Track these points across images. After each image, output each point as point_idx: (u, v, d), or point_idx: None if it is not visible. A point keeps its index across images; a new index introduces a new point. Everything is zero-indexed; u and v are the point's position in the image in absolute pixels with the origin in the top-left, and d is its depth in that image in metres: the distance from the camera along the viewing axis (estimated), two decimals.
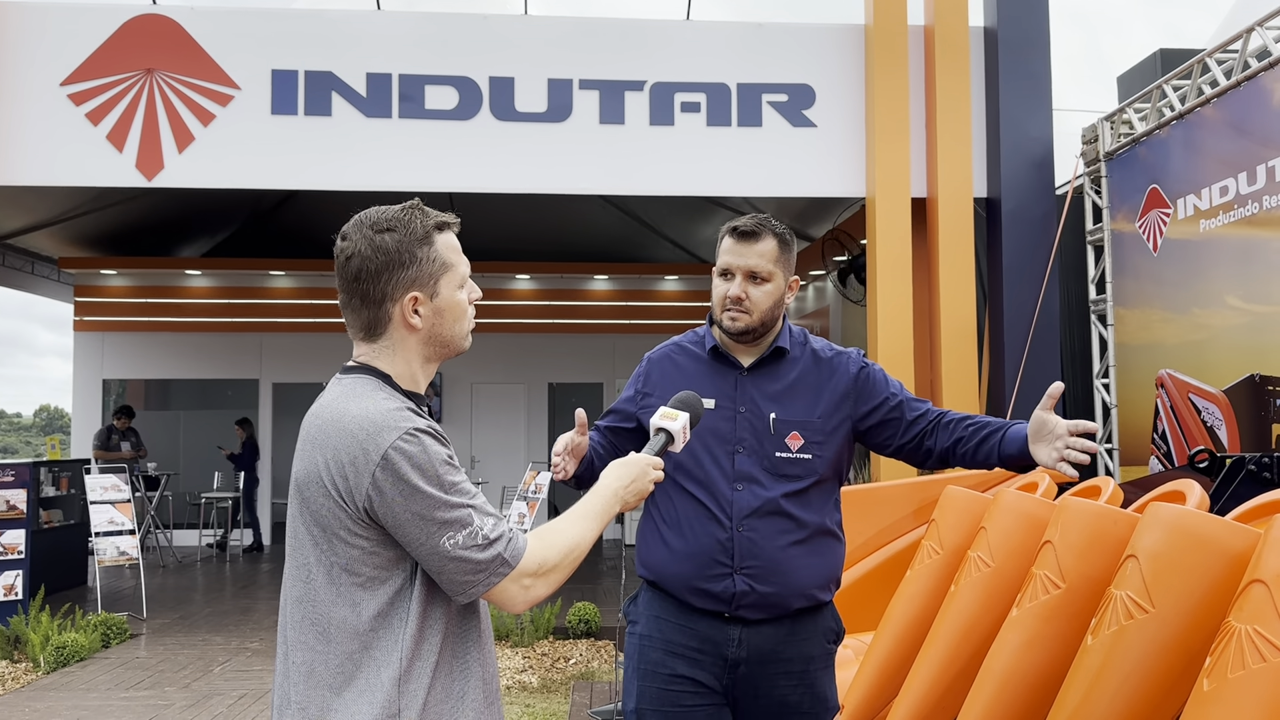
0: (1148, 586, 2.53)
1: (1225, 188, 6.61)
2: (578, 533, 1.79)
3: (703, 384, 2.55)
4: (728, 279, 2.57)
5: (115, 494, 8.83)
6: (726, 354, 2.61)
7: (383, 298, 1.74)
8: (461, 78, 8.00)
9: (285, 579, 1.75)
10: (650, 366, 2.70)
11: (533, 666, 6.91)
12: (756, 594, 2.47)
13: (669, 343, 2.75)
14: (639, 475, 1.94)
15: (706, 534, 2.49)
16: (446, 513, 1.63)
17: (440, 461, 1.65)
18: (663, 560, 2.54)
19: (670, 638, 2.52)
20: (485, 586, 1.66)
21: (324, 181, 7.97)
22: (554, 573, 1.73)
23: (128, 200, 11.34)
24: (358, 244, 1.73)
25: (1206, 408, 6.82)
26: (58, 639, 7.05)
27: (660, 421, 2.11)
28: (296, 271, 14.27)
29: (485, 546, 1.64)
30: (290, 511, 1.75)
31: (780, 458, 2.54)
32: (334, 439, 1.66)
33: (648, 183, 8.27)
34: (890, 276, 8.02)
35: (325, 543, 1.67)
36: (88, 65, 7.72)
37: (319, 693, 1.66)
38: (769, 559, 2.48)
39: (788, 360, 2.63)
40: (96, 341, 14.23)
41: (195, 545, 13.44)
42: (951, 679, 3.30)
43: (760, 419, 2.55)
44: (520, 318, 14.47)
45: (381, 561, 1.66)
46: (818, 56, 8.30)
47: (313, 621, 1.68)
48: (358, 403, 1.68)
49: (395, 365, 1.78)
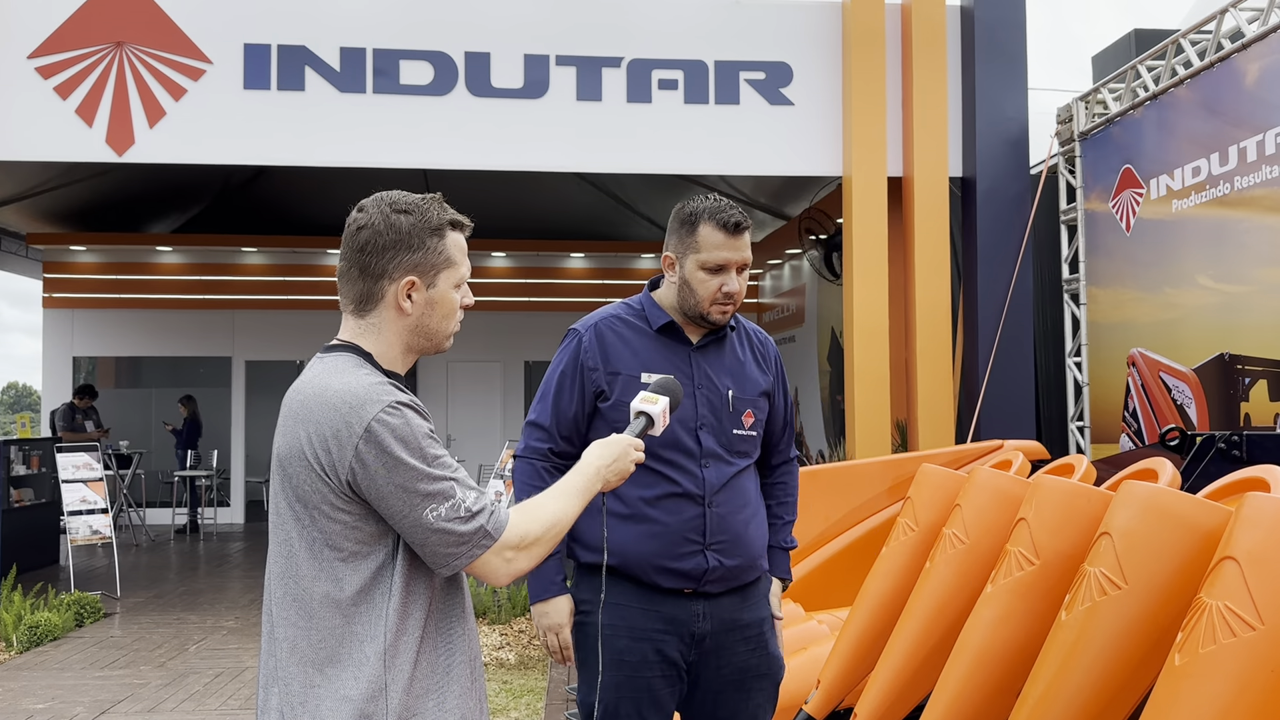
0: (1121, 563, 2.57)
1: (1198, 168, 6.67)
2: (559, 508, 1.81)
3: (655, 359, 2.53)
4: (721, 274, 2.50)
5: (87, 472, 8.75)
6: (676, 329, 2.58)
7: (381, 274, 1.76)
8: (437, 53, 7.93)
9: (269, 555, 1.76)
10: (595, 341, 2.56)
11: (510, 643, 6.93)
12: (724, 568, 2.50)
13: (600, 314, 2.62)
14: (620, 455, 1.95)
15: (678, 512, 2.48)
16: (429, 485, 1.64)
17: (423, 435, 1.67)
18: (624, 541, 2.47)
19: (634, 623, 2.48)
20: (468, 559, 1.68)
21: (297, 157, 7.89)
22: (536, 546, 1.75)
23: (97, 175, 11.17)
24: (373, 217, 1.77)
25: (1177, 386, 6.91)
26: (31, 618, 7.00)
27: (641, 405, 2.11)
28: (269, 248, 14.16)
29: (468, 519, 1.66)
30: (272, 488, 1.76)
31: (736, 434, 2.56)
32: (316, 413, 1.67)
33: (625, 160, 8.24)
34: (866, 255, 8.04)
35: (307, 518, 1.68)
36: (56, 37, 7.59)
37: (304, 668, 1.67)
38: (734, 534, 2.52)
39: (730, 337, 2.64)
40: (66, 319, 14.06)
41: (168, 524, 13.36)
42: (926, 654, 3.34)
43: (718, 396, 2.55)
44: (496, 295, 14.42)
45: (364, 536, 1.67)
46: (795, 35, 8.28)
47: (295, 597, 1.69)
48: (340, 378, 1.69)
49: (378, 345, 1.79)
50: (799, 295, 12.38)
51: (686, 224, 2.54)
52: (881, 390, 7.91)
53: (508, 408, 14.88)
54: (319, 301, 14.06)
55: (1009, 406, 7.94)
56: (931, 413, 7.94)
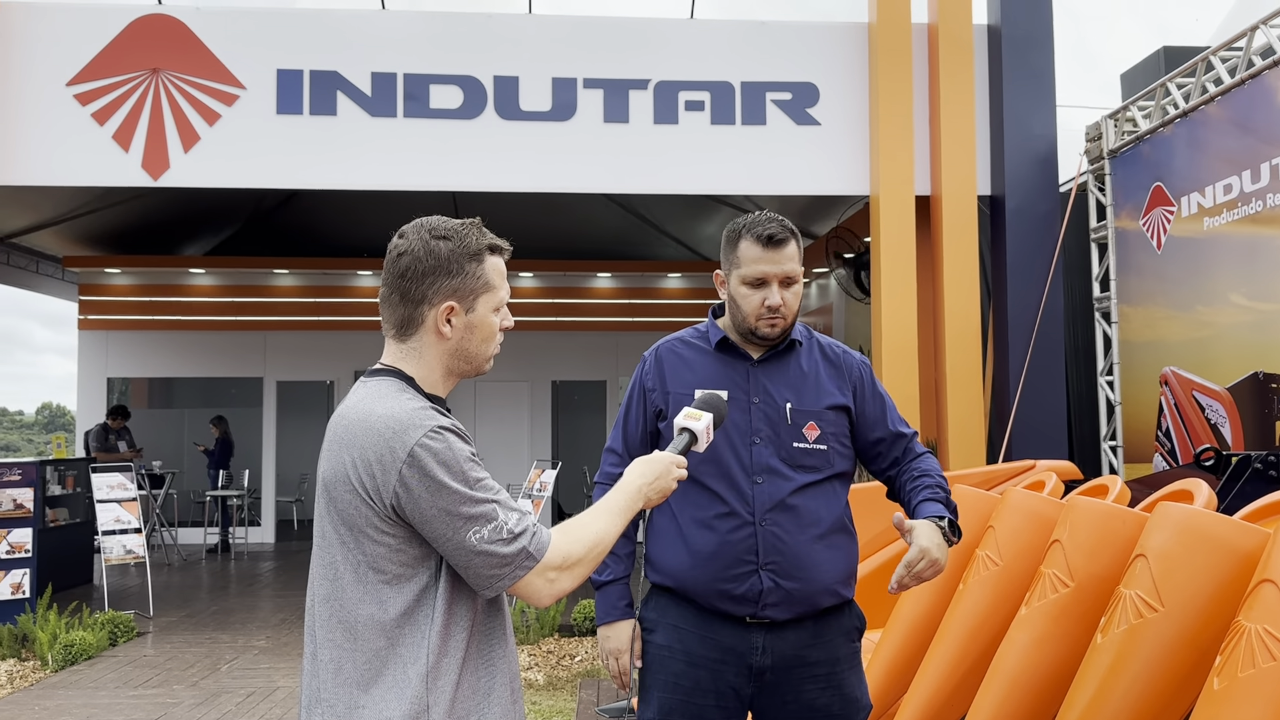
0: (1157, 585, 2.55)
1: (1229, 185, 6.62)
2: (601, 527, 1.82)
3: (712, 375, 2.52)
4: (763, 288, 2.50)
5: (121, 492, 8.85)
6: (735, 346, 2.57)
7: (421, 299, 1.78)
8: (466, 77, 8.02)
9: (312, 578, 1.78)
10: (655, 363, 2.62)
11: (539, 664, 6.93)
12: (781, 590, 2.41)
13: (667, 339, 2.68)
14: (663, 473, 1.95)
15: (729, 530, 2.43)
16: (471, 508, 1.66)
17: (464, 458, 1.69)
18: (683, 563, 2.46)
19: (691, 648, 2.45)
20: (511, 580, 1.69)
21: (329, 180, 7.99)
22: (578, 566, 1.76)
23: (131, 199, 11.35)
24: (413, 243, 1.79)
25: (1210, 405, 6.84)
26: (65, 637, 7.08)
27: (684, 421, 2.10)
28: (300, 270, 14.29)
29: (510, 540, 1.68)
30: (317, 511, 1.79)
31: (798, 448, 2.49)
32: (361, 438, 1.69)
33: (652, 181, 8.28)
34: (894, 274, 8.03)
35: (353, 541, 1.70)
36: (94, 65, 7.74)
37: (347, 690, 1.69)
38: (792, 554, 2.44)
39: (797, 352, 2.60)
40: (101, 340, 14.25)
41: (199, 543, 13.47)
42: (961, 677, 3.32)
43: (775, 409, 2.51)
44: (524, 315, 14.48)
45: (407, 559, 1.70)
46: (821, 55, 8.31)
47: (340, 619, 1.71)
48: (383, 403, 1.72)
49: (419, 369, 1.81)
50: (826, 314, 12.36)
51: (730, 240, 2.56)
52: (911, 410, 7.88)
53: (535, 427, 14.91)
54: (349, 322, 14.16)
55: (1041, 426, 7.89)
56: (962, 433, 7.89)
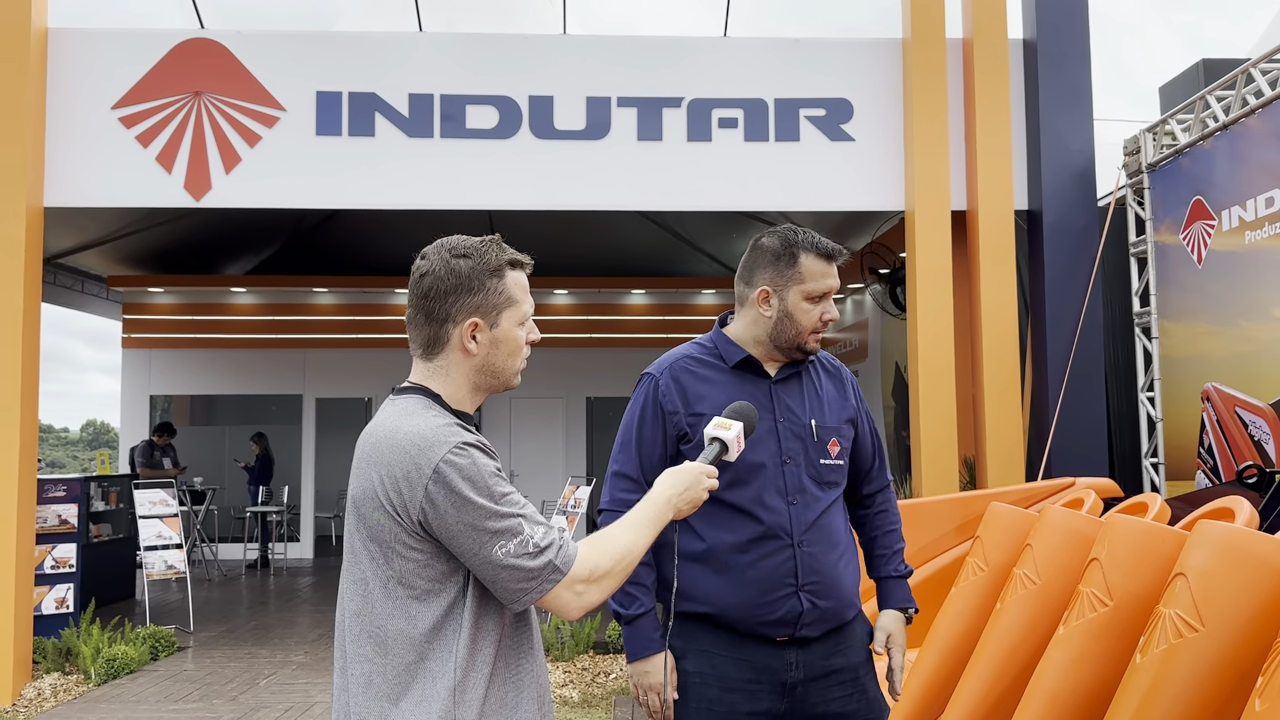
0: (1197, 605, 2.51)
1: (1271, 199, 6.52)
2: (629, 540, 1.82)
3: (736, 396, 2.47)
4: (823, 301, 2.52)
5: (163, 509, 8.98)
6: (753, 364, 2.56)
7: (445, 318, 1.80)
8: (501, 97, 8.09)
9: (342, 593, 1.81)
10: (673, 384, 2.53)
11: (573, 681, 6.93)
12: (817, 609, 2.44)
13: (673, 356, 2.59)
14: (693, 483, 1.95)
15: (769, 555, 2.42)
16: (497, 522, 1.67)
17: (489, 473, 1.70)
18: (720, 590, 2.42)
19: (725, 672, 2.43)
20: (538, 593, 1.70)
21: (367, 200, 8.09)
22: (606, 579, 1.76)
23: (174, 220, 11.55)
24: (434, 264, 1.81)
25: (1254, 421, 6.73)
26: (108, 651, 7.18)
27: (714, 430, 2.09)
28: (339, 289, 14.47)
29: (536, 554, 1.69)
30: (347, 528, 1.81)
31: (824, 465, 2.52)
32: (388, 456, 1.72)
33: (686, 198, 8.31)
34: (930, 290, 7.98)
35: (381, 557, 1.72)
36: (138, 89, 7.90)
37: (377, 703, 1.71)
38: (826, 573, 2.46)
39: (806, 369, 2.61)
40: (144, 358, 14.49)
41: (239, 559, 13.62)
42: (998, 697, 3.28)
43: (802, 427, 2.51)
44: (559, 332, 14.55)
45: (435, 574, 1.71)
46: (855, 71, 8.30)
47: (370, 634, 1.73)
48: (409, 420, 1.74)
49: (446, 386, 1.83)
50: (862, 330, 12.30)
51: (785, 256, 2.53)
52: (949, 426, 7.82)
53: (570, 444, 14.96)
54: (387, 340, 14.32)
55: (1080, 443, 7.79)
56: (1000, 449, 7.81)
